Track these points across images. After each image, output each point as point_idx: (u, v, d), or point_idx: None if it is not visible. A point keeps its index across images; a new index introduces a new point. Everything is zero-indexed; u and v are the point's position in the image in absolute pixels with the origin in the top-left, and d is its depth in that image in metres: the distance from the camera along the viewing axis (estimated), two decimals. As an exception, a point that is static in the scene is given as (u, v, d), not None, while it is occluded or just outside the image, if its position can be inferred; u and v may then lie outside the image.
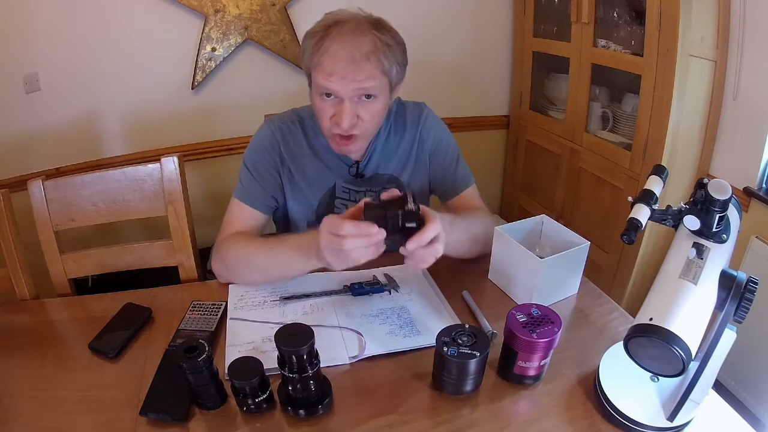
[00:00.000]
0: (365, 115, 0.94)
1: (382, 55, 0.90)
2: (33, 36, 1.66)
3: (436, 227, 0.76)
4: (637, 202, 0.69)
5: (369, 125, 0.97)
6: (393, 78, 0.95)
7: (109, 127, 1.90)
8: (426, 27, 2.07)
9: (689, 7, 1.42)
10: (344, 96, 0.91)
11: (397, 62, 0.93)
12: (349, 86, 0.89)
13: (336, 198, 1.10)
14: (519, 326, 0.73)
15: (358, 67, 0.88)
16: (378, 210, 0.74)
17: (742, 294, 0.60)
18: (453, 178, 1.13)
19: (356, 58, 0.87)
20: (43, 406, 0.73)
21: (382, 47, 0.90)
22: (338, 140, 0.98)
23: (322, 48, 0.89)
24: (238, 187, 1.06)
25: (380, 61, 0.90)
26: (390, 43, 0.91)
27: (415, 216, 0.74)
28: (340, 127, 0.94)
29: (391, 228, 0.74)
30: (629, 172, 1.72)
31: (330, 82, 0.89)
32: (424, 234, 0.74)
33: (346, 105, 0.91)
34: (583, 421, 0.70)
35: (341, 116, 0.92)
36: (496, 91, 2.36)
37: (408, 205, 0.74)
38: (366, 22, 0.91)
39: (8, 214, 1.00)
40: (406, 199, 0.75)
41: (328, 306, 0.93)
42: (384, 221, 0.74)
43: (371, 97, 0.93)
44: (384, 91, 0.95)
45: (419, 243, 0.74)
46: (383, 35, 0.90)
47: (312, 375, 0.68)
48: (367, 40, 0.88)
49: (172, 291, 1.01)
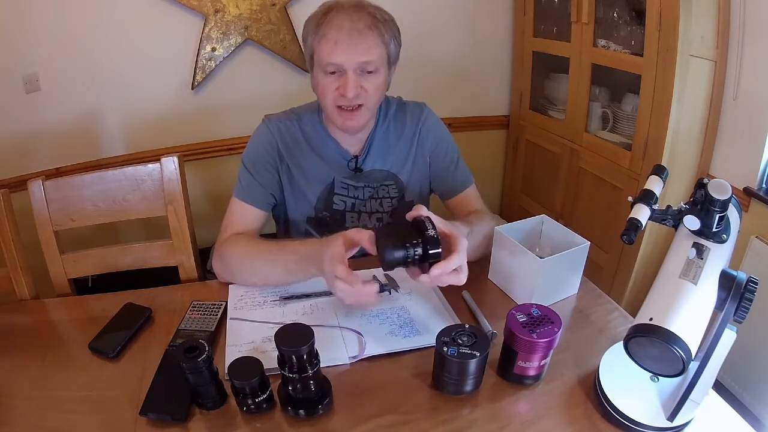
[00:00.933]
0: (368, 86, 0.97)
1: (382, 26, 0.95)
2: (33, 36, 1.66)
3: (463, 256, 0.74)
4: (637, 202, 0.69)
5: (372, 97, 0.99)
6: (391, 52, 0.99)
7: (109, 127, 1.90)
8: (426, 27, 2.07)
9: (689, 7, 1.42)
10: (348, 68, 0.94)
11: (394, 36, 0.99)
12: (353, 56, 0.93)
13: (335, 194, 1.10)
14: (519, 326, 0.73)
15: (362, 36, 0.92)
16: (396, 237, 0.71)
17: (742, 294, 0.60)
18: (453, 178, 1.14)
19: (359, 28, 0.92)
20: (43, 406, 0.73)
21: (382, 20, 0.95)
22: (344, 114, 1.00)
23: (326, 22, 0.93)
24: (237, 187, 1.06)
25: (381, 33, 0.95)
26: (387, 17, 0.98)
27: (438, 243, 0.71)
28: (346, 97, 0.96)
29: (412, 258, 0.71)
30: (629, 172, 1.71)
31: (334, 54, 0.93)
32: (450, 262, 0.73)
33: (350, 75, 0.94)
34: (583, 421, 0.70)
35: (346, 87, 0.95)
36: (496, 91, 2.36)
37: (428, 232, 0.71)
38: (362, 3, 0.96)
39: (8, 214, 1.00)
40: (424, 225, 0.72)
41: (328, 306, 0.93)
42: (404, 249, 0.70)
43: (372, 73, 0.96)
44: (384, 65, 0.98)
45: (443, 271, 0.73)
46: (380, 11, 0.97)
47: (312, 375, 0.68)
48: (366, 14, 0.94)
49: (172, 291, 1.01)
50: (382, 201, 1.12)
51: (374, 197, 1.12)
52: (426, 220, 0.73)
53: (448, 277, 0.74)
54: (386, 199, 1.13)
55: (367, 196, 1.11)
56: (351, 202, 1.11)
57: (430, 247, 0.71)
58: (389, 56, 0.99)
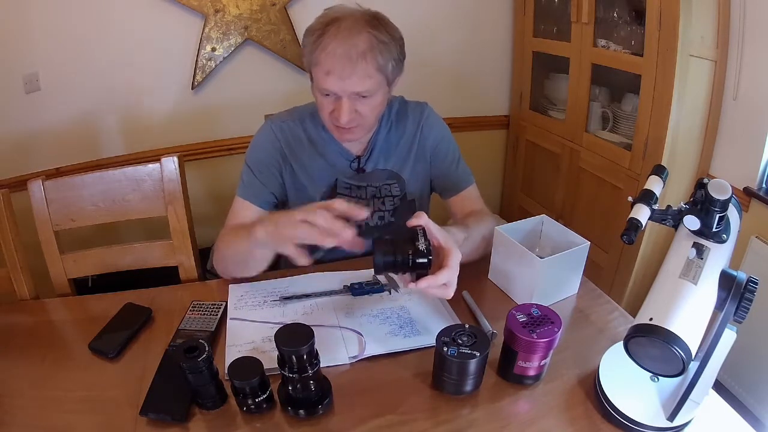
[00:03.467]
0: (364, 109, 0.96)
1: (378, 53, 0.91)
2: (33, 36, 1.66)
3: (453, 272, 0.74)
4: (637, 202, 0.69)
5: (368, 118, 0.99)
6: (389, 74, 0.96)
7: (109, 127, 1.90)
8: (426, 27, 2.07)
9: (689, 7, 1.42)
10: (342, 95, 0.93)
11: (393, 59, 0.95)
12: (346, 87, 0.92)
13: (337, 194, 1.11)
14: (519, 326, 0.73)
15: (354, 67, 0.89)
16: (386, 245, 0.72)
17: (742, 294, 0.60)
18: (455, 176, 1.14)
19: (352, 57, 0.89)
20: (43, 406, 0.73)
21: (378, 45, 0.91)
22: (341, 130, 1.01)
23: (320, 46, 0.91)
24: (239, 186, 1.07)
25: (375, 60, 0.91)
26: (386, 40, 0.92)
27: (425, 254, 0.71)
28: (339, 121, 0.96)
29: (400, 266, 0.72)
30: (629, 172, 1.71)
31: (327, 82, 0.92)
32: (437, 277, 0.72)
33: (344, 102, 0.94)
34: (583, 421, 0.70)
35: (339, 113, 0.95)
36: (496, 91, 2.36)
37: (418, 243, 0.71)
38: (363, 20, 0.92)
39: (8, 214, 1.00)
40: (416, 236, 0.72)
41: (328, 306, 0.93)
42: (393, 256, 0.71)
43: (367, 97, 0.95)
44: (381, 87, 0.96)
45: (430, 284, 0.72)
46: (379, 33, 0.92)
47: (312, 375, 0.68)
48: (363, 38, 0.90)
49: (172, 291, 1.01)
50: (385, 200, 1.13)
51: (377, 196, 1.12)
52: (419, 231, 0.73)
53: (436, 290, 0.74)
54: (388, 198, 1.13)
55: (369, 195, 1.12)
56: (354, 202, 1.11)
57: (418, 259, 0.71)
58: (387, 78, 0.96)
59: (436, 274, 0.72)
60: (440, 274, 0.72)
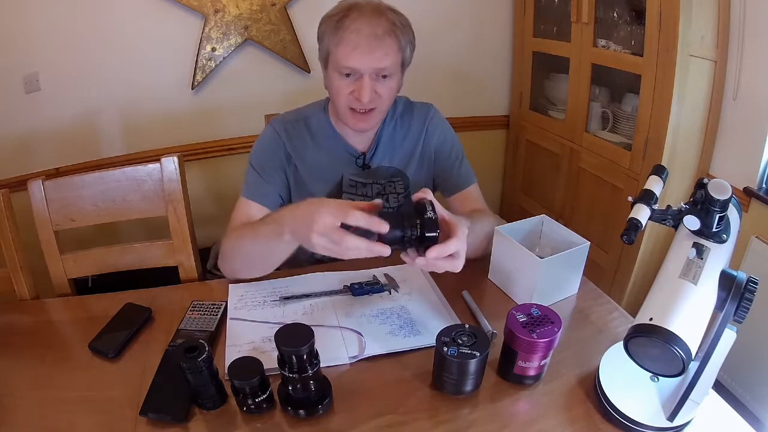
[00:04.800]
0: (383, 90, 0.99)
1: (400, 33, 0.96)
2: (33, 36, 1.66)
3: (461, 242, 0.74)
4: (637, 202, 0.69)
5: (386, 101, 1.01)
6: (406, 57, 1.01)
7: (109, 127, 1.90)
8: (426, 26, 2.05)
9: (689, 7, 1.42)
10: (364, 72, 0.95)
11: (410, 42, 1.01)
12: (372, 63, 0.94)
13: (343, 192, 1.12)
14: (519, 326, 0.73)
15: (380, 43, 0.93)
16: (395, 217, 0.71)
17: (742, 294, 0.60)
18: (457, 175, 1.15)
19: (378, 34, 0.93)
20: (43, 406, 0.73)
21: (399, 26, 0.97)
22: (356, 116, 1.02)
23: (344, 25, 0.94)
24: (244, 187, 1.07)
25: (398, 39, 0.96)
26: (404, 23, 0.99)
27: (434, 224, 0.71)
28: (361, 102, 0.98)
29: (408, 238, 0.71)
30: (629, 172, 1.71)
31: (351, 59, 0.94)
32: (447, 246, 0.72)
33: (366, 80, 0.96)
34: (583, 421, 0.70)
35: (361, 91, 0.96)
36: (496, 91, 2.36)
37: (427, 214, 0.71)
38: (381, 6, 0.97)
39: (8, 214, 1.00)
40: (425, 207, 0.72)
41: (328, 306, 0.93)
42: (401, 228, 0.71)
43: (387, 77, 0.98)
44: (398, 70, 1.00)
45: (440, 254, 0.72)
46: (399, 17, 0.98)
47: (312, 375, 0.68)
48: (385, 19, 0.95)
49: (172, 291, 1.01)
50: (389, 197, 1.14)
51: (381, 194, 1.13)
52: (427, 203, 0.73)
53: (444, 261, 0.73)
54: (393, 195, 1.14)
55: (375, 192, 1.13)
56: (359, 200, 1.12)
57: (427, 229, 0.71)
58: (404, 61, 1.01)
59: (445, 243, 0.72)
60: (449, 243, 0.72)
